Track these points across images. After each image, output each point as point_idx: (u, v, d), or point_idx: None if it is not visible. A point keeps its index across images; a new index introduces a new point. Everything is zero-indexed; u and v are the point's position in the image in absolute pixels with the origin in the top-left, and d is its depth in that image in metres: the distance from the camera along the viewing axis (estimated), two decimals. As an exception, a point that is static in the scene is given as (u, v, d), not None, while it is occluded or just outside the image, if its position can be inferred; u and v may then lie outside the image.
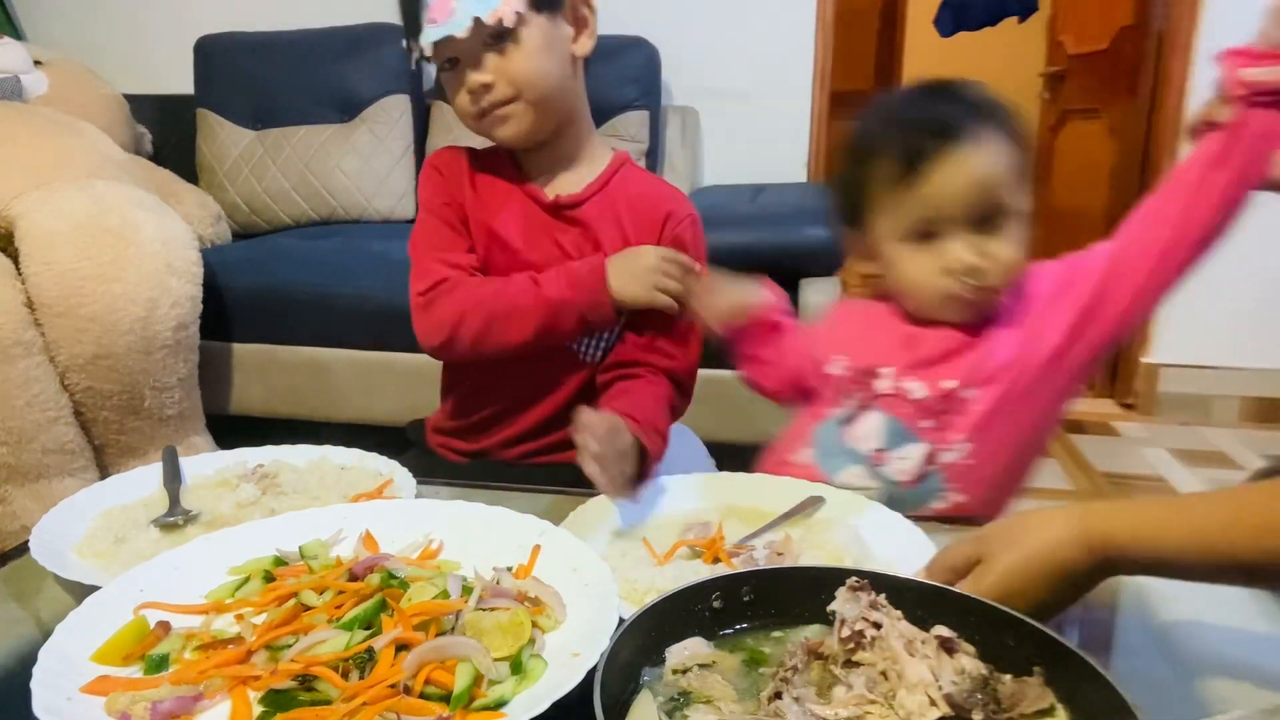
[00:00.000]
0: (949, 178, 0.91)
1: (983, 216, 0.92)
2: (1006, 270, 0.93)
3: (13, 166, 1.87)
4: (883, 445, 0.98)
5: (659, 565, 0.76)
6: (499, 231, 1.11)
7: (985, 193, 0.91)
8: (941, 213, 0.93)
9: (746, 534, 0.81)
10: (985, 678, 0.51)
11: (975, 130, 0.91)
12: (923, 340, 0.98)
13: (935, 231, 0.94)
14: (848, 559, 0.74)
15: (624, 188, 1.13)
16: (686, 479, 0.93)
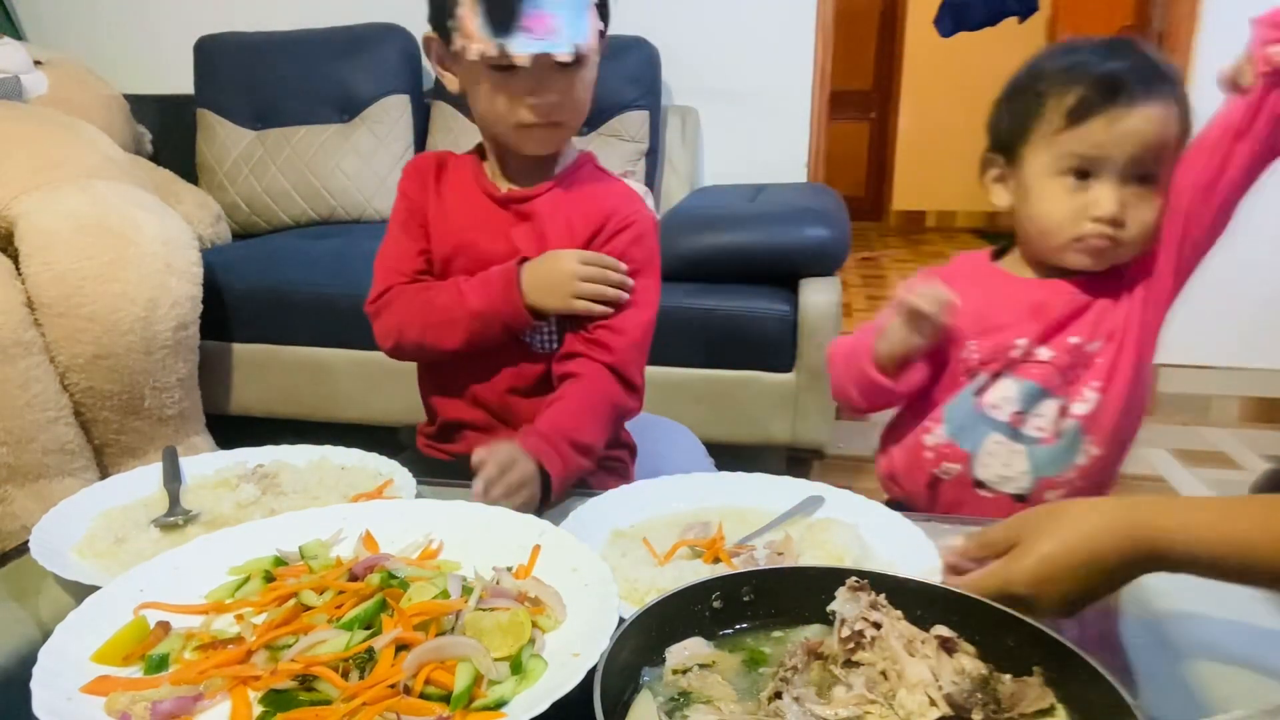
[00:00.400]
0: (1122, 126, 0.93)
1: (1137, 174, 0.94)
2: (1144, 232, 0.95)
3: (13, 166, 1.87)
4: (1019, 408, 1.00)
5: (659, 565, 0.76)
6: (457, 226, 1.12)
7: (1150, 150, 0.93)
8: (1103, 155, 0.94)
9: (746, 534, 0.81)
10: (985, 678, 0.51)
11: (1155, 91, 0.93)
12: (1049, 307, 0.99)
13: (1090, 172, 0.95)
14: (848, 559, 0.74)
15: (578, 186, 1.12)
16: (686, 479, 0.93)
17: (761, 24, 2.79)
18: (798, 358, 1.97)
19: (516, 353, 1.10)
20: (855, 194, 6.17)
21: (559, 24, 0.96)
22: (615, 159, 2.58)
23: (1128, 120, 0.92)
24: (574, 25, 0.97)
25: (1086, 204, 0.95)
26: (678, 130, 2.78)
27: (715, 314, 1.97)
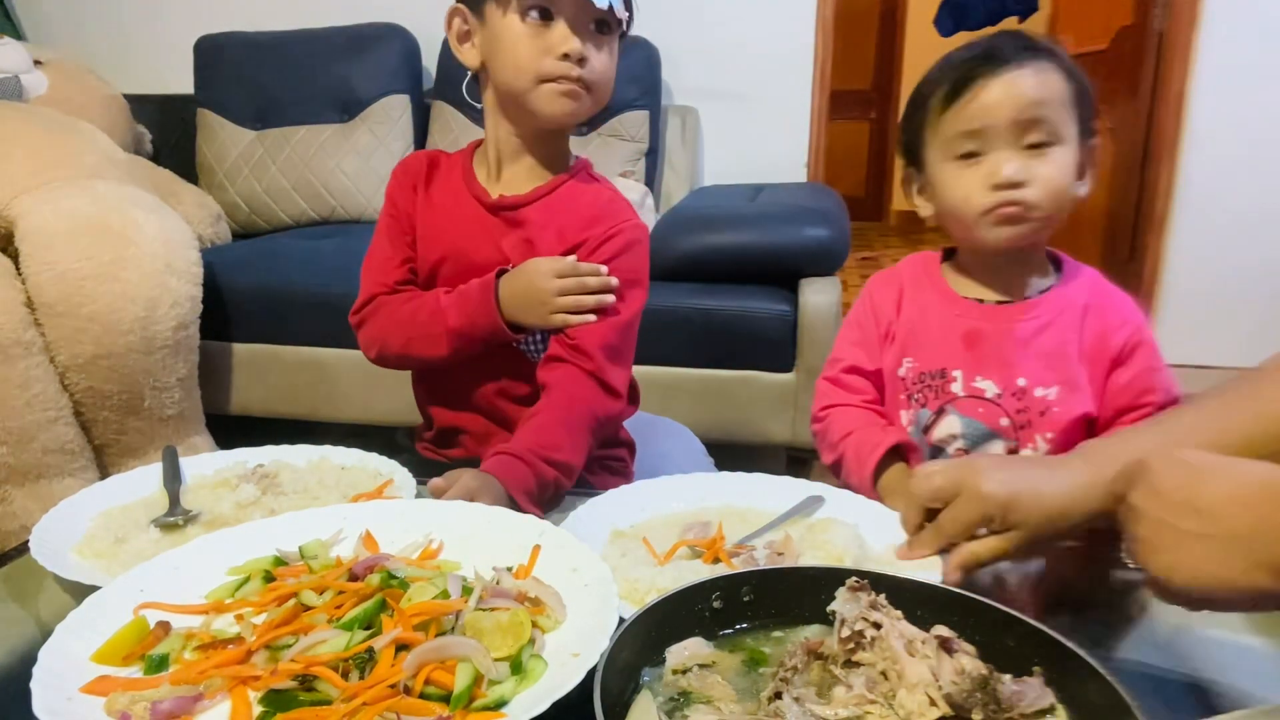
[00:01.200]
0: (994, 94, 0.93)
1: (1029, 139, 0.93)
2: (1049, 191, 0.93)
3: (13, 166, 1.87)
4: (966, 446, 1.00)
5: (659, 565, 0.76)
6: (445, 233, 1.11)
7: (1030, 108, 0.92)
8: (987, 127, 0.94)
9: (746, 534, 0.81)
10: (985, 678, 0.51)
11: (1023, 57, 0.93)
12: (983, 338, 0.99)
13: (982, 150, 0.95)
14: (848, 559, 0.74)
15: (571, 194, 1.10)
16: (686, 479, 0.93)
17: (761, 24, 2.79)
18: (797, 358, 1.97)
19: (508, 358, 1.09)
20: (855, 194, 6.18)
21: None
22: (615, 159, 2.58)
23: (998, 84, 0.93)
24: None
25: (984, 176, 0.94)
26: (678, 130, 2.78)
27: (715, 314, 1.97)
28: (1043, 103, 0.92)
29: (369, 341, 1.12)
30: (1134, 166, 3.02)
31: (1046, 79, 0.93)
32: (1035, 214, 0.94)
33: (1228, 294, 2.77)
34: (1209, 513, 0.53)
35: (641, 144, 2.62)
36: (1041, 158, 0.93)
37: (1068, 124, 0.93)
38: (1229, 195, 2.72)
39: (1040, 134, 0.92)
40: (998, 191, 0.93)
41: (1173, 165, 2.79)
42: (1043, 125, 0.92)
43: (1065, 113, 0.93)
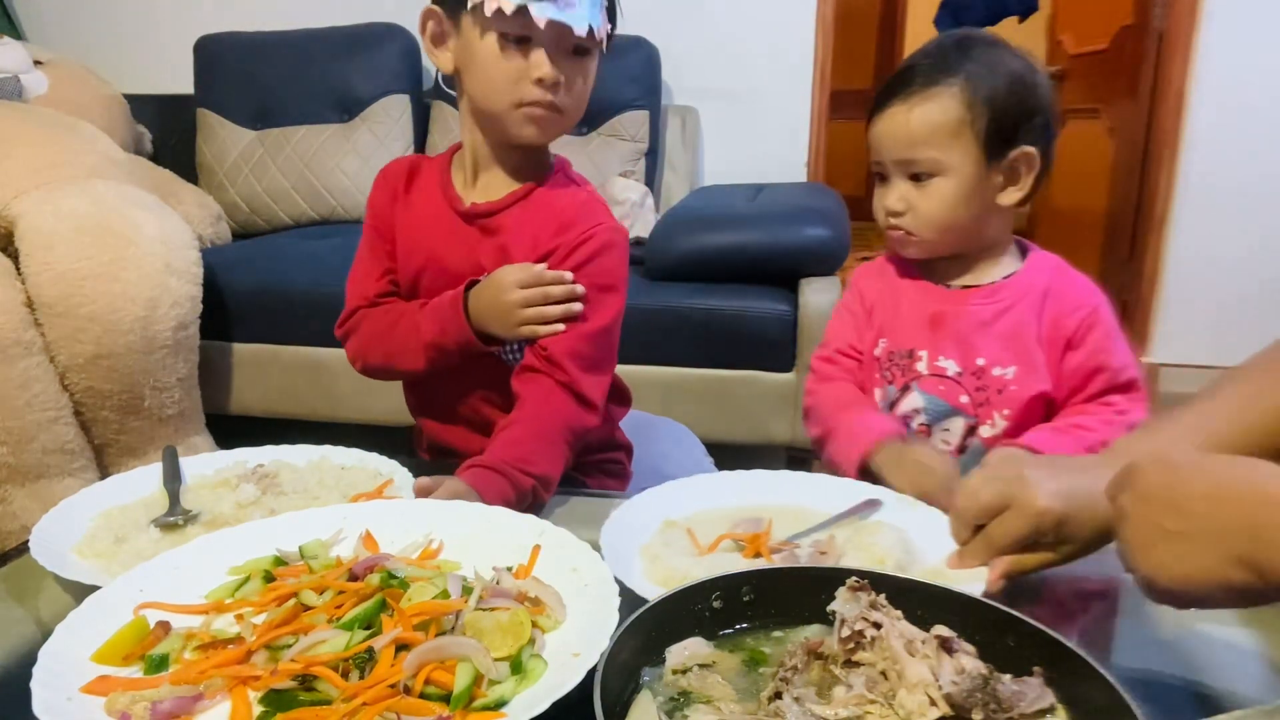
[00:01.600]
0: (884, 129, 1.02)
1: (911, 171, 1.01)
2: (926, 222, 1.02)
3: (13, 166, 1.87)
4: (926, 421, 1.05)
5: (700, 556, 0.76)
6: (423, 243, 1.10)
7: (905, 148, 1.01)
8: (879, 158, 1.03)
9: (797, 532, 0.81)
10: (985, 678, 0.51)
11: (925, 86, 0.99)
12: (946, 320, 1.04)
13: (883, 172, 1.04)
14: (889, 562, 0.74)
15: (545, 199, 1.08)
16: (749, 475, 0.93)
17: (761, 24, 2.79)
18: (797, 358, 1.96)
19: (490, 367, 1.08)
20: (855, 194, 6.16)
21: (578, 3, 0.97)
22: (615, 159, 2.58)
23: (886, 120, 1.02)
24: (592, 9, 0.98)
25: (879, 199, 1.05)
26: (678, 130, 2.77)
27: (715, 314, 1.97)
28: (921, 142, 1.00)
29: (354, 355, 1.14)
30: (1134, 166, 3.02)
31: (933, 112, 0.99)
32: (916, 238, 1.04)
33: (1228, 294, 2.77)
34: (1187, 510, 0.54)
35: (641, 144, 2.62)
36: (923, 189, 1.01)
37: (956, 154, 0.99)
38: (1229, 195, 2.72)
39: (919, 168, 1.01)
40: (886, 216, 1.04)
41: (1173, 165, 2.79)
42: (919, 162, 1.00)
43: (955, 143, 0.99)
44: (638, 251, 2.17)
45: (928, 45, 1.05)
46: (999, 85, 0.98)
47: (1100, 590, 0.82)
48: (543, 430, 0.98)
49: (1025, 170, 1.01)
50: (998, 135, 0.98)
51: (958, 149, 0.99)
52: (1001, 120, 0.98)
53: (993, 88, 0.98)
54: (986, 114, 0.98)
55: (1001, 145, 0.99)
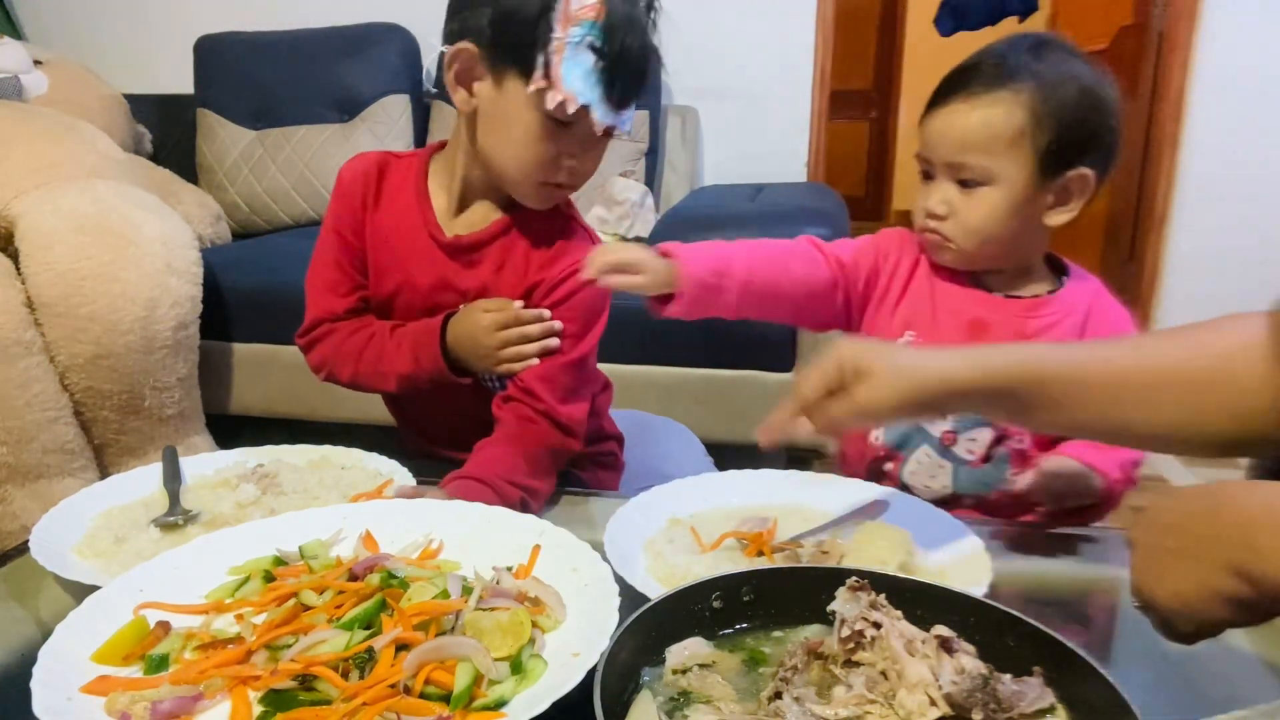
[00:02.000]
0: (938, 125, 0.96)
1: (961, 176, 0.96)
2: (966, 231, 0.96)
3: (13, 166, 1.87)
4: (952, 427, 1.00)
5: (702, 553, 0.76)
6: (398, 267, 1.08)
7: (959, 151, 0.95)
8: (930, 156, 0.98)
9: (802, 531, 0.81)
10: (985, 678, 0.51)
11: (990, 87, 0.93)
12: (989, 329, 1.00)
13: (931, 172, 0.99)
14: (892, 564, 0.74)
15: (530, 228, 1.06)
16: (757, 474, 0.93)
17: (761, 24, 2.79)
18: (798, 358, 1.96)
19: (470, 390, 1.06)
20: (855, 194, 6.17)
21: (629, 110, 0.98)
22: (615, 159, 2.58)
23: (943, 118, 0.96)
24: (632, 110, 0.99)
25: (924, 197, 0.99)
26: (678, 130, 2.77)
27: (715, 314, 1.97)
28: (976, 147, 0.94)
29: (317, 365, 1.13)
30: (1134, 166, 3.02)
31: (995, 117, 0.93)
32: (953, 245, 0.98)
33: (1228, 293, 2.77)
34: (1187, 529, 0.55)
35: (641, 144, 2.62)
36: (969, 196, 0.96)
37: (1011, 165, 0.93)
38: (1229, 195, 2.73)
39: (969, 174, 0.95)
40: (925, 217, 0.98)
41: (1173, 165, 2.79)
42: (970, 168, 0.94)
43: (1011, 153, 0.93)
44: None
45: (999, 43, 0.98)
46: (1069, 98, 0.92)
47: (1100, 590, 0.82)
48: (526, 450, 0.97)
49: (1078, 193, 0.95)
50: (1057, 153, 0.93)
51: (1013, 160, 0.93)
52: (1064, 137, 0.92)
53: (1062, 101, 0.92)
54: (1050, 128, 0.92)
55: (1059, 164, 0.93)
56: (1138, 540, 0.58)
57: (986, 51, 0.97)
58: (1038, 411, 0.69)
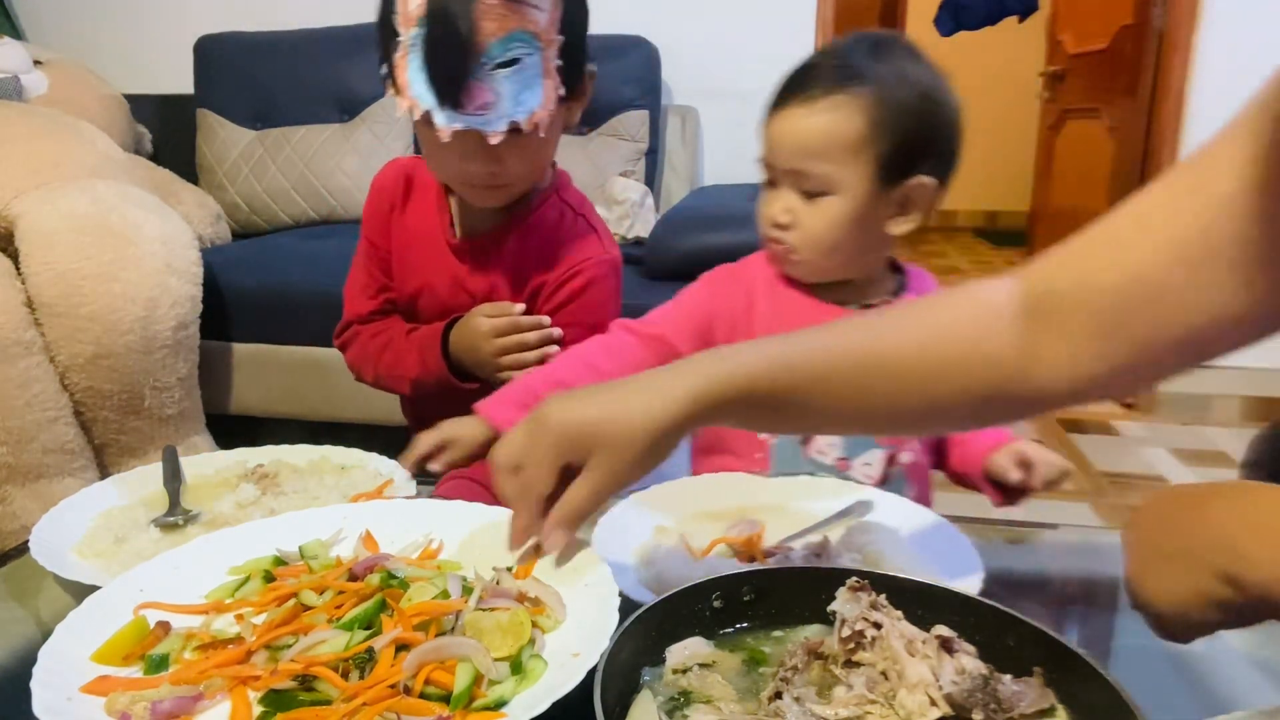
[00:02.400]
0: (778, 129, 0.94)
1: (802, 185, 0.92)
2: (811, 241, 0.93)
3: (13, 166, 1.87)
4: (844, 454, 0.98)
5: (696, 560, 0.76)
6: (418, 270, 1.10)
7: (798, 158, 0.91)
8: (772, 163, 0.95)
9: (790, 534, 0.81)
10: (985, 678, 0.51)
11: (830, 91, 0.90)
12: None
13: (773, 179, 0.95)
14: (884, 563, 0.74)
15: (537, 227, 1.05)
16: (736, 477, 0.93)
17: (761, 24, 2.79)
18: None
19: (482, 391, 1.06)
20: (855, 194, 6.16)
21: (498, 99, 0.89)
22: (615, 159, 2.58)
23: (783, 123, 0.93)
24: (516, 98, 0.90)
25: (765, 206, 0.95)
26: (678, 130, 2.77)
27: (715, 314, 1.97)
28: (816, 154, 0.90)
29: (350, 365, 1.15)
30: (1134, 166, 3.02)
31: (834, 123, 0.89)
32: (798, 257, 0.95)
33: (1228, 294, 2.77)
34: (1174, 530, 0.55)
35: (641, 144, 2.62)
36: (812, 205, 0.92)
37: (852, 172, 0.90)
38: (1229, 195, 2.72)
39: (810, 183, 0.92)
40: (770, 226, 0.95)
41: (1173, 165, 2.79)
42: (812, 176, 0.91)
43: (852, 160, 0.90)
44: (638, 251, 2.17)
45: (839, 42, 0.95)
46: (908, 103, 0.89)
47: (1100, 590, 0.82)
48: None
49: (919, 202, 0.93)
50: (897, 160, 0.90)
51: (853, 168, 0.90)
52: (903, 144, 0.90)
53: (900, 105, 0.89)
54: (889, 134, 0.89)
55: (899, 172, 0.91)
56: (1131, 541, 0.58)
57: (826, 52, 0.95)
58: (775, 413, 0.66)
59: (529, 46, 0.89)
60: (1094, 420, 2.98)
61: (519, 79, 0.89)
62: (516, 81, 0.89)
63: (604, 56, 2.65)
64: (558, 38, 0.92)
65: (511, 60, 0.88)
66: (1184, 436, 2.81)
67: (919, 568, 0.75)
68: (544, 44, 0.91)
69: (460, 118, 0.89)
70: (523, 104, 0.90)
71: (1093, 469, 2.61)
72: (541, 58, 0.91)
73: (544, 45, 0.91)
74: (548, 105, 0.93)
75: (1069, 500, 2.41)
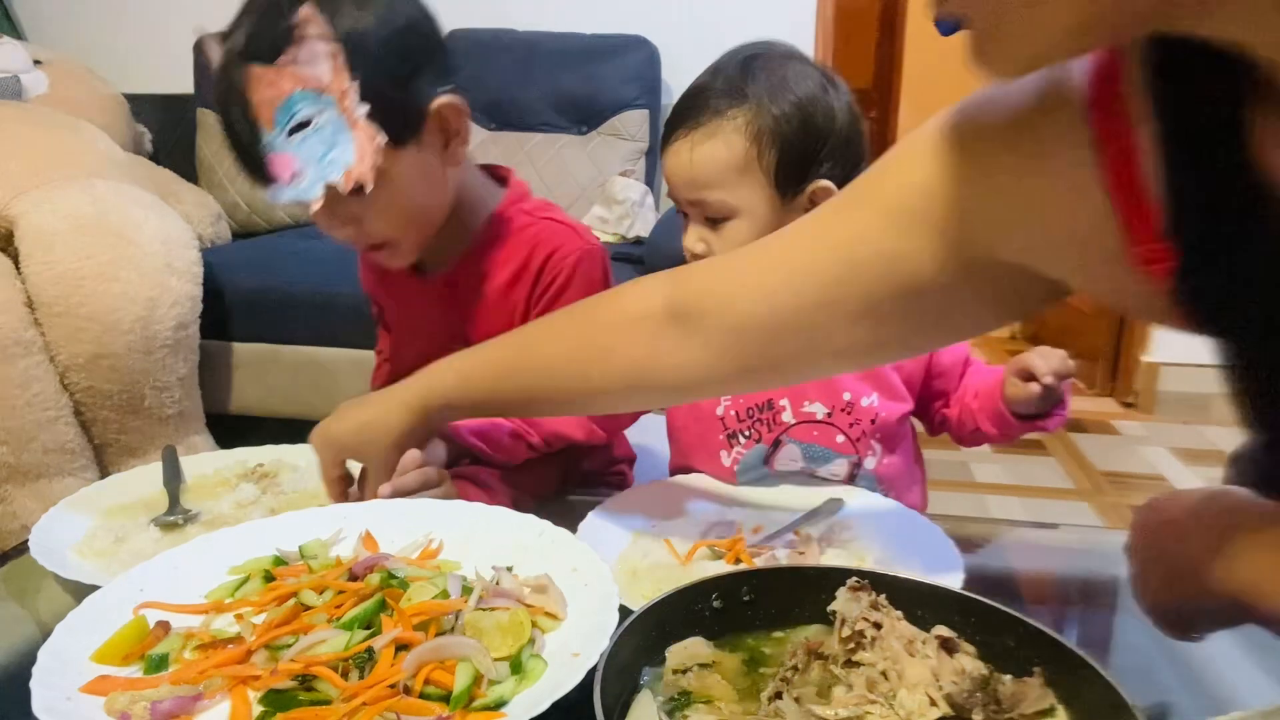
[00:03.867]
0: (670, 167, 0.94)
1: (706, 214, 0.93)
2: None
3: (13, 166, 1.86)
4: (810, 468, 0.99)
5: (682, 566, 0.76)
6: (398, 319, 1.13)
7: (692, 189, 0.92)
8: (673, 196, 0.96)
9: (767, 535, 0.81)
10: (985, 678, 0.51)
11: (708, 119, 0.90)
12: None
13: (682, 211, 0.96)
14: (869, 559, 0.74)
15: (497, 246, 1.01)
16: (705, 479, 0.93)
17: (761, 24, 2.79)
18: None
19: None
20: (855, 194, 6.17)
21: (301, 166, 0.85)
22: (615, 158, 2.58)
23: (672, 156, 0.93)
24: (322, 162, 0.85)
25: (684, 238, 0.96)
26: (678, 130, 2.77)
27: (715, 314, 1.97)
28: (707, 184, 0.90)
29: None
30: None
31: (716, 150, 0.89)
32: None
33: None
34: (1174, 532, 0.55)
35: (641, 143, 2.62)
36: (720, 232, 0.93)
37: (746, 193, 0.90)
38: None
39: (711, 210, 0.92)
40: (689, 258, 0.94)
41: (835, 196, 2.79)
42: (710, 205, 0.92)
43: (743, 181, 0.90)
44: (638, 250, 2.18)
45: (717, 63, 0.95)
46: (785, 113, 0.89)
47: (1100, 590, 0.82)
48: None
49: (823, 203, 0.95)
50: (789, 170, 0.90)
51: (746, 188, 0.90)
52: (790, 153, 0.89)
53: (777, 117, 0.89)
54: (774, 148, 0.89)
55: (795, 180, 0.90)
56: (1134, 542, 0.59)
57: (705, 75, 0.94)
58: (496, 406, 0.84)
59: (314, 104, 0.84)
60: (1094, 420, 2.98)
61: (318, 140, 0.84)
62: (316, 143, 0.85)
63: (604, 56, 2.66)
64: (351, 84, 0.84)
65: (301, 124, 0.84)
66: (1184, 436, 2.81)
67: (900, 561, 0.75)
68: (334, 95, 0.84)
69: (282, 192, 0.86)
70: (331, 165, 0.85)
71: (1093, 469, 2.61)
72: (336, 110, 0.84)
73: (334, 97, 0.84)
74: (365, 159, 0.85)
75: (1069, 500, 2.42)
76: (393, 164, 0.88)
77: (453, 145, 0.95)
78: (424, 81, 0.91)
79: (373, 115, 0.85)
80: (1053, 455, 2.72)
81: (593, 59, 2.58)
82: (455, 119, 0.94)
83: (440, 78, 0.92)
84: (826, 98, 0.92)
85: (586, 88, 2.63)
